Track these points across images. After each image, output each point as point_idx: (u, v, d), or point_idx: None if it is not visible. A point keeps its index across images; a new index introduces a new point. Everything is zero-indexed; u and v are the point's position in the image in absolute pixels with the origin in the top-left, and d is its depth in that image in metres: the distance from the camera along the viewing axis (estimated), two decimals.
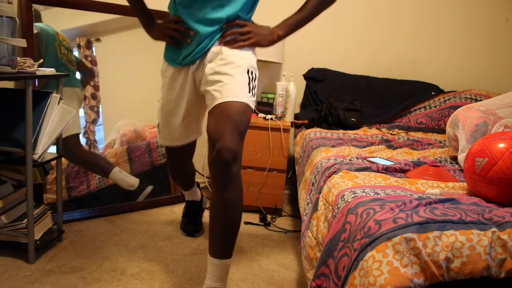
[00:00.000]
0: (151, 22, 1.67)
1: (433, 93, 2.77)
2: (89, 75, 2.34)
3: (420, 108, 2.69)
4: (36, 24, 2.10)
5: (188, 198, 2.21)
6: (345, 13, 2.85)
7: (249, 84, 1.50)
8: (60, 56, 2.16)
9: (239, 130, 1.42)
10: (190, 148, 1.89)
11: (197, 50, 1.53)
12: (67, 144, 2.17)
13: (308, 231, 1.49)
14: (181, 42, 1.57)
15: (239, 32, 1.53)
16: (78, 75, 2.30)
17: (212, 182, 1.46)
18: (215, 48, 1.54)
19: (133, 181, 2.42)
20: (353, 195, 1.24)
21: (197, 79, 1.60)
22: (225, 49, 1.53)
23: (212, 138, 1.41)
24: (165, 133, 1.77)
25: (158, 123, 1.77)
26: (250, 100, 1.49)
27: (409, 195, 1.24)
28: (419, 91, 2.76)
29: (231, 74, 1.48)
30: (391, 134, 2.44)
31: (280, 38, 1.58)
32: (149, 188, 2.49)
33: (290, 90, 2.62)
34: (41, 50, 2.12)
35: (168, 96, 1.67)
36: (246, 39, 1.53)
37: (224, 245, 1.47)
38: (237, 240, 1.54)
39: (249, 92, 1.49)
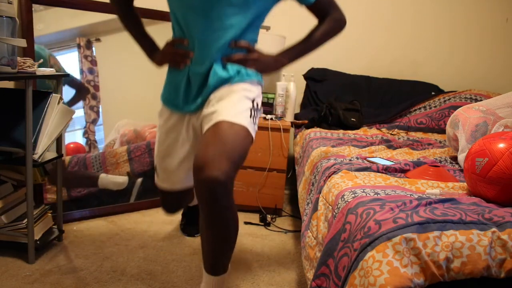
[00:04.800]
0: (154, 49, 1.57)
1: (433, 93, 2.77)
2: (83, 92, 2.32)
3: (420, 108, 2.69)
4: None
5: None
6: (345, 13, 2.85)
7: (251, 110, 1.36)
8: (48, 82, 2.15)
9: (233, 157, 1.20)
10: (190, 190, 1.72)
11: (199, 100, 1.43)
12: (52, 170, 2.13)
13: (308, 231, 1.49)
14: (182, 63, 1.45)
15: (244, 57, 1.43)
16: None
17: (200, 211, 1.32)
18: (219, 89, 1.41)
19: (122, 180, 2.42)
20: (353, 195, 1.24)
21: (197, 123, 1.48)
22: (226, 86, 1.41)
23: (196, 165, 1.18)
24: (163, 176, 1.61)
25: (155, 166, 1.63)
26: (251, 127, 1.33)
27: (409, 195, 1.24)
28: (419, 91, 2.76)
29: (231, 99, 1.35)
30: (391, 134, 2.44)
31: (283, 66, 1.53)
32: (139, 181, 2.48)
33: (290, 90, 2.62)
34: None
35: (165, 139, 1.55)
36: (252, 65, 1.43)
37: (216, 263, 1.37)
38: (237, 240, 1.53)
39: (250, 117, 1.34)
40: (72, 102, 2.30)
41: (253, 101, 1.39)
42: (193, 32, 1.39)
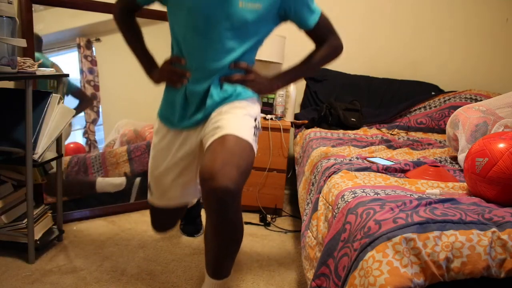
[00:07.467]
0: (153, 66, 1.57)
1: (433, 93, 2.77)
2: (87, 101, 2.33)
3: (420, 108, 2.69)
4: (37, 55, 2.10)
5: None
6: (345, 13, 2.85)
7: (254, 128, 1.38)
8: (50, 88, 2.15)
9: (241, 167, 1.20)
10: (184, 207, 1.71)
11: (198, 116, 1.44)
12: (51, 181, 2.13)
13: (308, 231, 1.49)
14: (179, 82, 1.45)
15: (242, 78, 1.44)
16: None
17: (206, 217, 1.31)
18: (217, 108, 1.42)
19: (119, 181, 2.41)
20: (353, 195, 1.24)
21: (196, 139, 1.48)
22: (228, 103, 1.42)
23: (205, 175, 1.16)
24: (158, 193, 1.59)
25: (149, 184, 1.61)
26: (254, 144, 1.35)
27: (409, 195, 1.24)
28: (419, 91, 2.76)
29: (235, 115, 1.37)
30: (391, 134, 2.44)
31: (278, 88, 1.56)
32: (137, 180, 2.48)
33: (290, 90, 2.62)
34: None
35: (160, 155, 1.54)
36: (249, 86, 1.46)
37: (220, 268, 1.38)
38: None
39: (254, 135, 1.36)
40: (75, 111, 2.30)
41: (255, 120, 1.41)
42: (193, 52, 1.39)
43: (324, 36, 1.52)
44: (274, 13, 1.40)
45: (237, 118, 1.35)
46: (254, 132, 1.37)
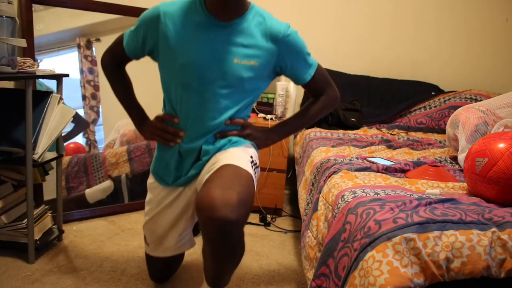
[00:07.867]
0: (144, 120, 1.53)
1: (433, 93, 2.77)
2: (84, 125, 2.33)
3: (420, 108, 2.69)
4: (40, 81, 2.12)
5: None
6: (346, 13, 2.85)
7: (251, 163, 1.32)
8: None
9: (241, 194, 1.11)
10: (181, 255, 1.72)
11: (193, 172, 1.41)
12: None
13: (308, 231, 1.49)
14: (172, 141, 1.42)
15: (238, 134, 1.42)
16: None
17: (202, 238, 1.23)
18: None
19: (107, 184, 2.41)
20: (353, 195, 1.24)
21: (190, 192, 1.46)
22: (222, 151, 1.38)
23: (203, 203, 1.08)
24: (153, 244, 1.57)
25: (144, 235, 1.60)
26: (254, 176, 1.28)
27: (409, 195, 1.24)
28: (419, 91, 2.76)
29: (231, 152, 1.34)
30: (391, 134, 2.44)
31: (274, 142, 1.55)
32: (123, 177, 2.47)
33: (290, 90, 2.62)
34: None
35: (155, 209, 1.52)
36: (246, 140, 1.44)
37: (218, 280, 1.31)
38: None
39: (252, 168, 1.30)
40: (70, 135, 2.30)
41: (251, 157, 1.37)
42: (187, 110, 1.37)
43: (321, 89, 1.51)
44: (270, 70, 1.38)
45: (232, 155, 1.32)
46: (252, 166, 1.32)
